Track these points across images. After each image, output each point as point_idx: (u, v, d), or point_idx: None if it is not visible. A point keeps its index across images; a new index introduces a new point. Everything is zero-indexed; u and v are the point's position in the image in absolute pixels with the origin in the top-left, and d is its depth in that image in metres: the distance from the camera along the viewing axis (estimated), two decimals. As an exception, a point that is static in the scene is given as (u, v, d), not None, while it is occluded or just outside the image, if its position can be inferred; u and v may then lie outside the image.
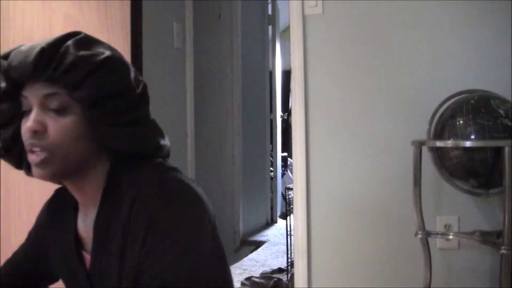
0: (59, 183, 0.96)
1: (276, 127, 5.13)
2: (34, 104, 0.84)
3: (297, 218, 2.14)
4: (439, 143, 1.72)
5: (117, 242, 0.86)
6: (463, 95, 1.79)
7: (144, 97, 0.92)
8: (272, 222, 4.93)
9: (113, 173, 0.90)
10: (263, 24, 4.84)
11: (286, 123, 5.62)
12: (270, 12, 4.97)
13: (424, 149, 1.82)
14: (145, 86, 0.93)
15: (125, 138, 0.88)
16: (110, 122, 0.86)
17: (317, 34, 2.14)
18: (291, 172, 4.99)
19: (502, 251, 1.54)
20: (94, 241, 0.90)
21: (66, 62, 0.82)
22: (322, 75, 2.13)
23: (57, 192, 1.05)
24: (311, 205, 2.13)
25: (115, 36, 1.99)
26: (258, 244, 4.11)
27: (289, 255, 3.12)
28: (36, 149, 0.84)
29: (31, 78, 0.84)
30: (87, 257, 0.93)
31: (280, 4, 5.06)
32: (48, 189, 1.95)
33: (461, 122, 1.67)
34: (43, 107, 0.84)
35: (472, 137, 1.63)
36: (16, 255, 1.11)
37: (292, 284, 2.28)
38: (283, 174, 5.52)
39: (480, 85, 1.90)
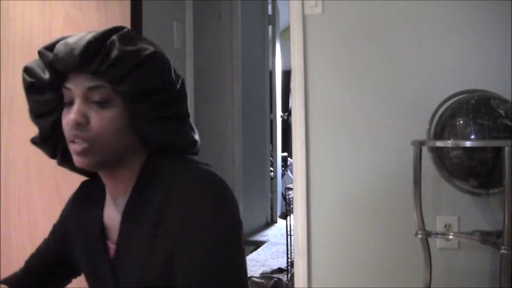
0: (95, 172, 0.97)
1: (276, 127, 5.13)
2: (77, 96, 0.85)
3: (297, 218, 2.14)
4: (439, 143, 1.72)
5: (146, 231, 0.86)
6: (463, 95, 1.79)
7: (183, 93, 0.93)
8: (272, 222, 4.93)
9: (148, 164, 0.92)
10: (263, 24, 4.84)
11: (286, 123, 5.62)
12: (270, 12, 4.97)
13: (424, 149, 1.82)
14: (183, 82, 0.94)
15: (166, 133, 0.90)
16: (151, 117, 0.87)
17: (317, 34, 2.14)
18: (291, 172, 4.99)
19: (502, 251, 1.54)
20: (121, 228, 0.91)
21: (111, 56, 0.83)
22: (322, 75, 2.13)
23: (82, 184, 1.06)
24: (311, 205, 2.13)
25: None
26: (258, 244, 4.11)
27: (289, 255, 3.12)
28: (78, 140, 0.85)
29: (76, 70, 0.85)
30: (111, 246, 0.94)
31: (280, 4, 5.06)
32: (48, 189, 1.95)
33: (461, 122, 1.67)
34: (86, 99, 0.85)
35: (472, 137, 1.63)
36: (40, 249, 1.12)
37: (292, 284, 2.28)
38: (283, 174, 5.53)
39: (480, 85, 1.90)
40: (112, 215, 0.95)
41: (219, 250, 0.83)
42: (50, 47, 0.89)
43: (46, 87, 0.88)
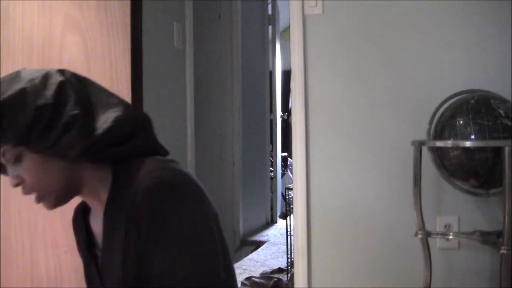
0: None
1: (276, 127, 5.13)
2: (3, 162, 0.94)
3: (297, 218, 2.14)
4: (439, 143, 1.72)
5: (120, 236, 0.91)
6: (463, 95, 1.79)
7: (61, 101, 0.91)
8: (272, 222, 4.93)
9: (115, 173, 0.97)
10: (263, 24, 4.84)
11: (286, 123, 5.62)
12: (270, 12, 4.97)
13: (424, 149, 1.82)
14: (58, 89, 0.91)
15: (73, 143, 0.90)
16: (49, 142, 0.89)
17: (317, 34, 2.14)
18: (291, 172, 4.99)
19: (502, 251, 1.54)
20: (103, 237, 0.97)
21: None
22: (322, 75, 2.13)
23: (76, 207, 1.14)
24: (311, 205, 2.13)
25: (115, 36, 1.99)
26: (258, 244, 4.11)
27: (289, 255, 3.12)
28: (28, 194, 0.95)
29: None
30: (99, 254, 1.03)
31: (280, 4, 5.06)
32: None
33: (461, 122, 1.67)
34: (8, 162, 0.93)
35: (472, 137, 1.63)
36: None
37: (292, 284, 2.28)
38: (283, 174, 5.52)
39: (480, 85, 1.90)
40: (96, 225, 1.03)
41: (187, 246, 0.86)
42: None
43: None
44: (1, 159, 0.93)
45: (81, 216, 1.07)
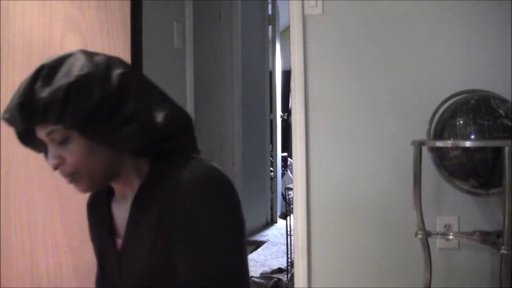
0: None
1: (276, 127, 5.13)
2: (46, 141, 0.93)
3: (297, 218, 2.14)
4: (439, 143, 1.72)
5: (150, 228, 0.92)
6: (463, 95, 1.79)
7: (124, 93, 0.92)
8: (272, 222, 4.93)
9: (154, 166, 0.98)
10: (263, 24, 4.84)
11: (286, 123, 5.62)
12: (270, 12, 4.97)
13: (424, 149, 1.82)
14: (122, 80, 0.92)
15: (126, 138, 0.91)
16: (105, 132, 0.90)
17: (317, 34, 2.14)
18: (291, 172, 4.99)
19: (502, 251, 1.54)
20: (128, 224, 0.98)
21: (40, 109, 0.88)
22: (322, 75, 2.13)
23: (90, 193, 1.13)
24: (311, 205, 2.13)
25: (115, 36, 1.99)
26: (258, 244, 4.11)
27: (289, 255, 3.12)
28: (64, 175, 0.95)
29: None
30: (119, 241, 1.01)
31: (280, 4, 5.06)
32: (48, 189, 1.95)
33: (461, 122, 1.67)
34: (53, 142, 0.92)
35: (472, 137, 1.63)
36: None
37: (292, 284, 2.28)
38: (283, 174, 5.52)
39: (480, 85, 1.90)
40: (120, 211, 1.03)
41: (218, 250, 0.88)
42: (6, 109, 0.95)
43: (25, 137, 0.97)
44: (46, 137, 0.92)
45: (106, 200, 1.07)
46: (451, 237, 1.90)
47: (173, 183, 0.91)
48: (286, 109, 5.85)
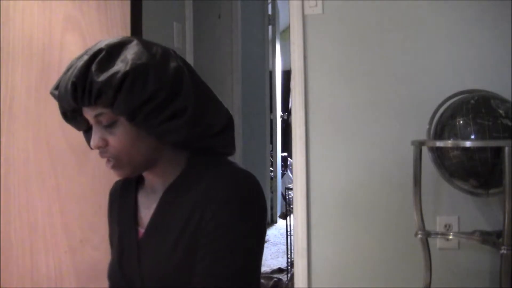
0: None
1: (276, 127, 5.13)
2: (91, 123, 0.95)
3: (297, 218, 2.14)
4: (439, 143, 1.72)
5: (176, 224, 0.94)
6: (463, 95, 1.79)
7: (177, 86, 0.92)
8: (272, 222, 4.93)
9: (192, 161, 1.00)
10: (263, 24, 4.84)
11: (286, 123, 5.62)
12: (270, 12, 4.97)
13: (424, 149, 1.82)
14: (177, 74, 0.93)
15: (173, 131, 0.93)
16: (154, 123, 0.91)
17: (317, 34, 2.14)
18: (291, 172, 4.99)
19: (502, 251, 1.54)
20: (154, 216, 0.98)
21: (94, 92, 0.88)
22: (322, 75, 2.13)
23: (116, 181, 1.15)
24: (311, 205, 2.13)
25: (115, 36, 1.99)
26: (258, 244, 4.10)
27: (289, 255, 3.12)
28: (105, 158, 0.96)
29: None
30: (141, 231, 1.02)
31: (280, 4, 5.06)
32: (48, 189, 1.95)
33: (461, 122, 1.67)
34: (99, 124, 0.94)
35: (472, 137, 1.63)
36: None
37: (292, 284, 2.28)
38: (283, 174, 5.53)
39: (480, 85, 1.90)
40: (146, 200, 1.04)
41: (241, 255, 0.90)
42: (57, 86, 0.95)
43: (72, 115, 0.98)
44: (93, 118, 0.93)
45: (134, 188, 1.07)
46: (451, 237, 1.90)
47: (208, 183, 0.92)
48: (286, 109, 5.85)
